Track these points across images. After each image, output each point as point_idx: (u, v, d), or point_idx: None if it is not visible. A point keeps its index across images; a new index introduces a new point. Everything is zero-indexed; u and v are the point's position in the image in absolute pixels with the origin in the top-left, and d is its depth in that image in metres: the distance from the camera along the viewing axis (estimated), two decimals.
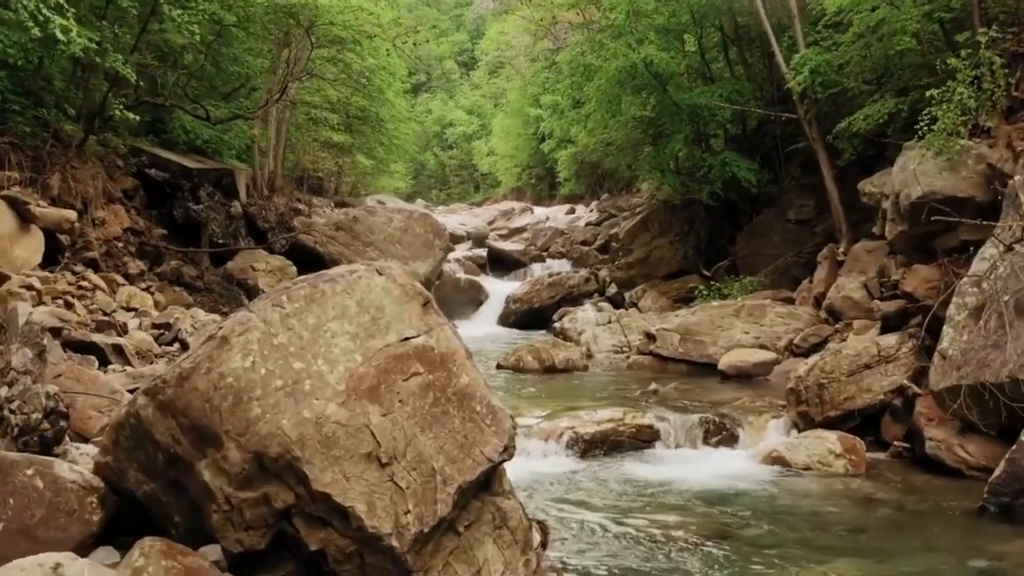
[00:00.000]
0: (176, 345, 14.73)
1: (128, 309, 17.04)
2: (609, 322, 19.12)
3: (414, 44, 28.99)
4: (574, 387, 14.68)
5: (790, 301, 17.54)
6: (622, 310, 20.37)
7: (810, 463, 10.19)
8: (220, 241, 23.89)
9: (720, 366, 15.15)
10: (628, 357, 17.20)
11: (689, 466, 10.34)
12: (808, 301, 17.19)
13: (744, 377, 14.89)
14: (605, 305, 20.73)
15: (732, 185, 21.47)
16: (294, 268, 23.79)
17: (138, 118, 18.12)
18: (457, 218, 41.29)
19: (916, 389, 10.93)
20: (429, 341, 4.87)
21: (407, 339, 4.85)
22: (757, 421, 11.54)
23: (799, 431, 11.28)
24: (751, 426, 11.40)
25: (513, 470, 9.87)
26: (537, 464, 10.32)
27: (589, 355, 18.10)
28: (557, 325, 19.98)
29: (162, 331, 15.09)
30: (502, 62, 68.21)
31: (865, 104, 16.59)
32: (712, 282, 20.93)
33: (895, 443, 10.80)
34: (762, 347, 15.62)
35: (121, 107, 17.65)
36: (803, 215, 21.45)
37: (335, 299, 4.66)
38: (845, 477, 9.95)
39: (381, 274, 4.97)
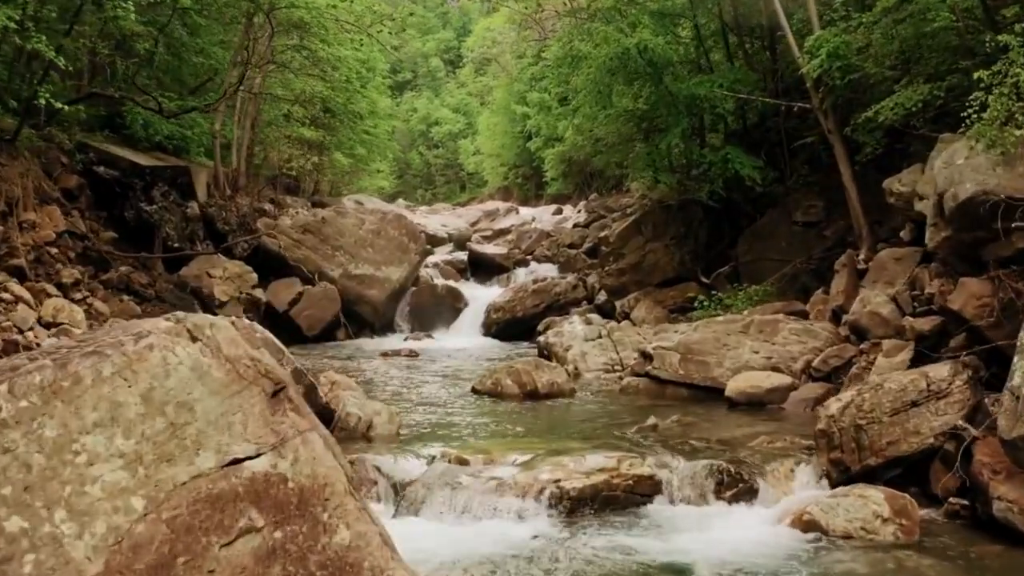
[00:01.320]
0: None
1: (52, 324, 14.97)
2: (599, 336, 17.09)
3: (390, 33, 26.85)
4: (559, 418, 12.64)
5: (803, 315, 15.55)
6: (613, 322, 18.32)
7: (851, 530, 8.15)
8: (175, 245, 21.85)
9: (728, 392, 13.14)
10: (621, 379, 15.19)
11: (700, 533, 8.29)
12: (824, 315, 15.19)
13: (755, 404, 12.91)
14: (594, 317, 18.68)
15: (734, 184, 19.50)
16: (254, 275, 21.84)
17: (67, 108, 16.01)
18: (439, 219, 39.34)
19: (975, 432, 8.95)
20: (279, 465, 2.69)
21: (236, 462, 2.74)
22: (780, 468, 9.51)
23: (831, 482, 9.26)
24: (773, 476, 9.37)
25: (481, 539, 7.88)
26: (512, 529, 8.29)
27: (577, 374, 16.12)
28: (541, 339, 17.94)
29: None
30: (488, 59, 66.46)
31: (888, 92, 14.65)
32: (713, 291, 18.93)
33: (950, 500, 8.79)
34: (775, 369, 13.62)
35: (48, 96, 15.58)
36: (811, 217, 19.49)
37: (100, 390, 2.50)
38: (896, 549, 7.91)
39: (195, 339, 2.83)
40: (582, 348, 16.71)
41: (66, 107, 15.49)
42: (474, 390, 14.43)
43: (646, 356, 14.61)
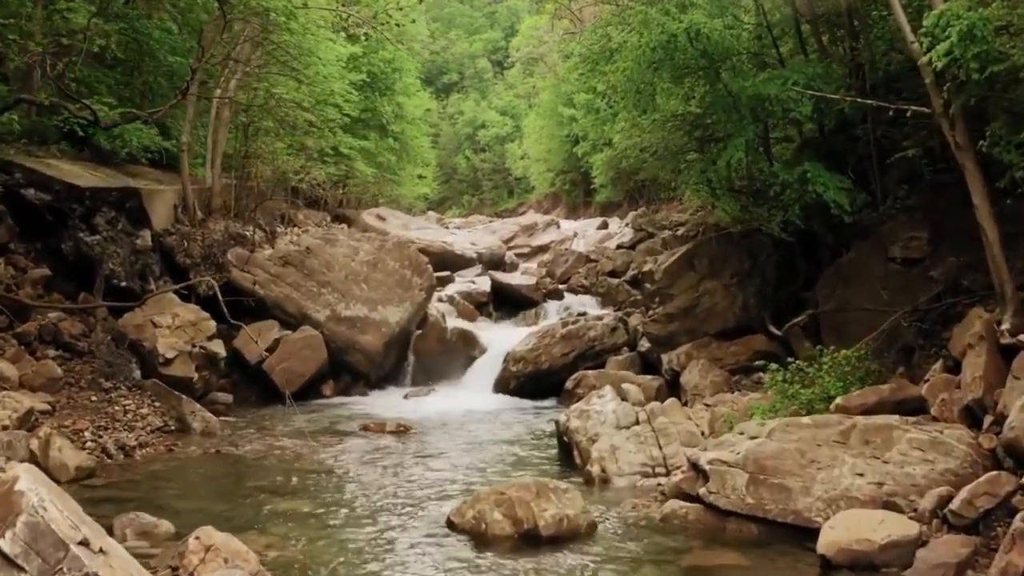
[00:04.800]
0: None
1: None
2: (636, 423, 12.70)
3: (398, 25, 22.62)
4: None
5: (918, 404, 11.00)
6: (655, 403, 13.70)
7: None
8: (122, 284, 17.73)
9: (821, 546, 8.59)
10: (663, 496, 10.80)
11: None
12: (951, 408, 10.60)
13: (864, 568, 8.43)
14: (631, 389, 14.11)
15: (814, 210, 14.99)
16: (211, 322, 17.63)
17: None
18: (469, 235, 34.99)
19: None
20: None
21: None
22: None
23: None
24: None
25: None
26: None
27: (604, 479, 11.84)
28: (561, 420, 13.54)
29: None
30: (535, 59, 62.77)
31: None
32: (788, 353, 14.39)
33: None
34: (890, 505, 9.13)
35: None
36: (912, 252, 14.82)
37: None
38: None
39: None
40: (612, 440, 12.33)
41: None
42: (450, 523, 10.05)
43: (699, 471, 10.19)
